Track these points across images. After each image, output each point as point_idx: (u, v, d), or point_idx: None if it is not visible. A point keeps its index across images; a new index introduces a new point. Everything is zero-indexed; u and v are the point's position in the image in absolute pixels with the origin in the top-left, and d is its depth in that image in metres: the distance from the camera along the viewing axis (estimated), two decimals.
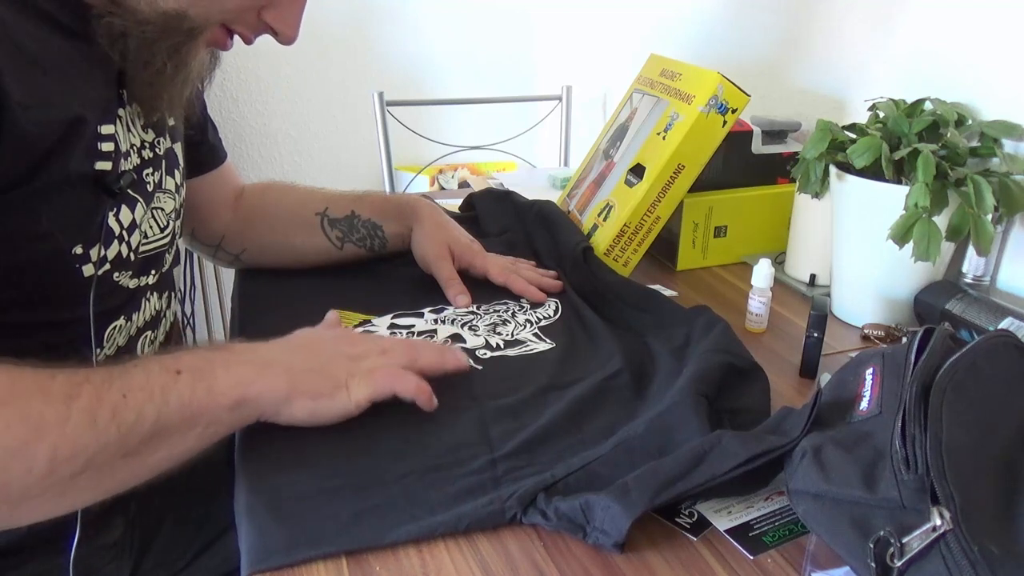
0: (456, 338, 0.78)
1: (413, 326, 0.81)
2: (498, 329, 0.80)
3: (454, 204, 1.15)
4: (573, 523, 0.51)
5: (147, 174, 0.71)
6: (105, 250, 0.65)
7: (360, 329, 0.80)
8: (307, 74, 2.07)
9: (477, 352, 0.76)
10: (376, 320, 0.82)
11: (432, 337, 0.78)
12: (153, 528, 0.80)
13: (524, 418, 0.64)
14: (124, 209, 0.67)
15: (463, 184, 2.07)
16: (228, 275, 1.25)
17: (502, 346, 0.77)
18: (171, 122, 0.77)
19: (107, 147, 0.64)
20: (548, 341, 0.78)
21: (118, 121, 0.66)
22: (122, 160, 0.66)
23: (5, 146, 0.54)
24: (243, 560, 0.49)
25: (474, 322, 0.82)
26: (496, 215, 1.07)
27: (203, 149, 0.88)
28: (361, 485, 0.55)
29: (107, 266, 0.66)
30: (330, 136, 2.15)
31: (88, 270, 0.64)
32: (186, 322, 2.11)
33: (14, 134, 0.54)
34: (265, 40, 0.70)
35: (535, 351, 0.76)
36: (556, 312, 0.84)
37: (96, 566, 0.72)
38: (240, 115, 2.07)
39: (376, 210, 0.92)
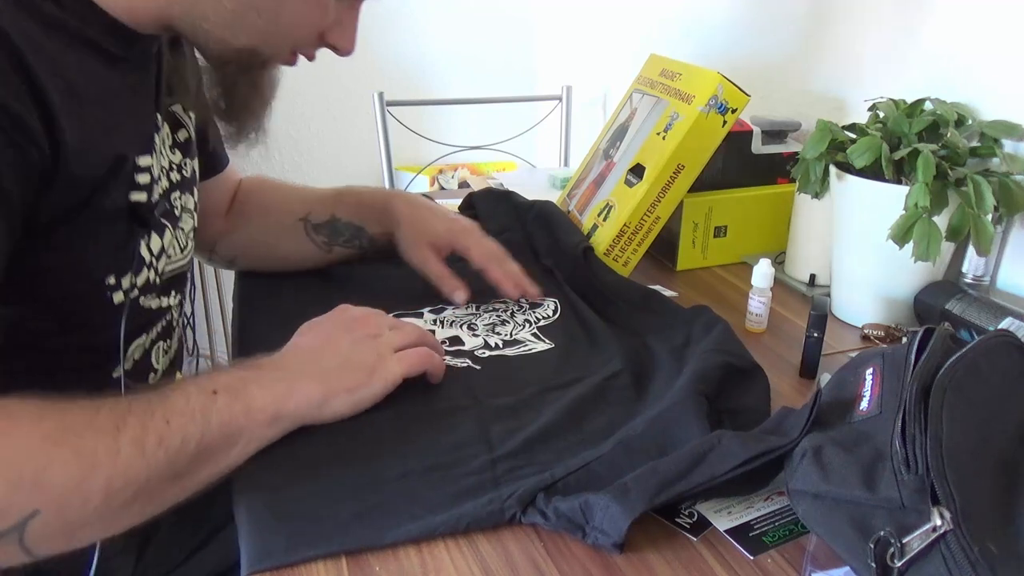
0: (454, 340, 0.78)
1: None
2: (497, 329, 0.80)
3: (454, 204, 1.15)
4: (572, 523, 0.51)
5: (175, 198, 0.72)
6: (135, 278, 0.66)
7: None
8: (307, 74, 2.07)
9: (476, 352, 0.76)
10: None
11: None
12: (152, 525, 0.80)
13: (523, 418, 0.64)
14: (154, 236, 0.68)
15: (463, 184, 2.07)
16: (228, 275, 1.25)
17: (501, 346, 0.77)
18: (194, 137, 0.78)
19: (143, 179, 0.65)
20: (547, 341, 0.78)
21: (153, 150, 0.67)
22: (155, 186, 0.67)
23: (56, 188, 0.56)
24: (243, 560, 0.49)
25: (473, 322, 0.82)
26: (496, 215, 1.06)
27: (205, 155, 0.87)
28: (361, 485, 0.55)
29: (135, 292, 0.67)
30: (330, 136, 2.16)
31: (118, 297, 0.65)
32: (186, 322, 2.10)
33: (66, 176, 0.56)
34: None
35: (534, 351, 0.76)
36: (555, 312, 0.84)
37: (99, 563, 0.72)
38: None
39: (355, 212, 0.91)
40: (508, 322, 0.82)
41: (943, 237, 0.74)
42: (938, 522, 0.42)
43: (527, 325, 0.81)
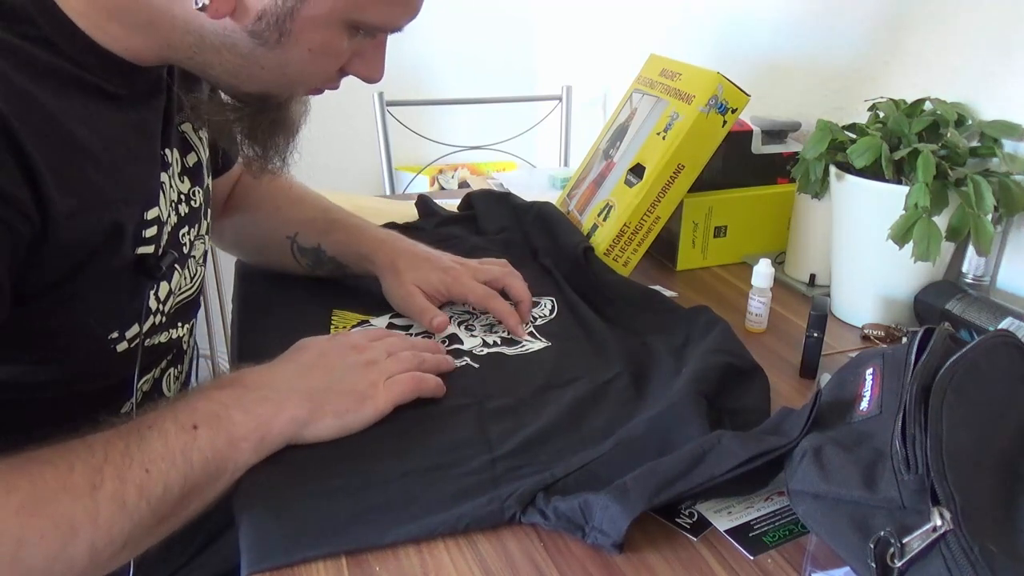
0: (453, 338, 0.78)
1: (411, 326, 0.81)
2: (494, 328, 0.80)
3: (454, 204, 1.15)
4: (572, 523, 0.51)
5: (183, 233, 0.70)
6: (141, 327, 0.64)
7: (358, 329, 0.80)
8: None
9: (474, 351, 0.75)
10: (374, 320, 0.82)
11: (430, 337, 0.78)
12: None
13: (523, 418, 0.64)
14: (163, 284, 0.67)
15: (463, 184, 2.07)
16: (228, 275, 1.25)
17: (499, 344, 0.77)
18: (207, 154, 0.76)
19: (150, 232, 0.63)
20: (544, 340, 0.78)
21: (162, 193, 0.65)
22: (163, 230, 0.65)
23: (45, 255, 0.53)
24: (243, 560, 0.49)
25: (470, 322, 0.81)
26: (494, 215, 1.07)
27: (214, 157, 0.86)
28: (361, 485, 0.55)
29: (139, 337, 0.65)
30: (330, 136, 2.15)
31: (122, 347, 0.64)
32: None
33: (56, 244, 0.53)
34: None
35: (532, 350, 0.76)
36: (552, 311, 0.84)
37: None
38: None
39: (340, 250, 0.86)
40: None
41: (943, 237, 0.74)
42: (938, 522, 0.42)
43: (524, 325, 0.81)
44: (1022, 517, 0.44)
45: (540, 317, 0.83)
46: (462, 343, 0.77)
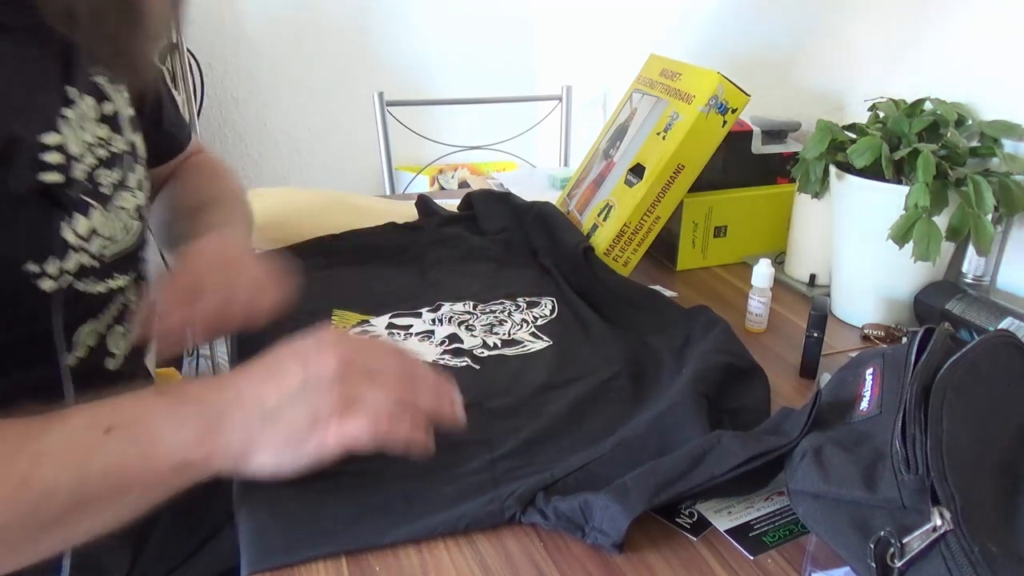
0: (453, 338, 0.78)
1: (411, 326, 0.81)
2: (495, 329, 0.80)
3: (454, 204, 1.15)
4: (572, 523, 0.51)
5: (103, 175, 0.68)
6: (63, 263, 0.62)
7: (358, 329, 0.80)
8: (307, 74, 2.08)
9: (475, 352, 0.76)
10: (374, 320, 0.82)
11: (430, 337, 0.78)
12: (151, 522, 0.79)
13: (523, 418, 0.64)
14: (79, 218, 0.64)
15: (463, 184, 2.08)
16: None
17: (499, 345, 0.77)
18: (130, 112, 0.74)
19: (53, 158, 0.61)
20: (545, 339, 0.78)
21: (65, 123, 0.63)
22: (74, 164, 0.63)
23: None
24: (243, 560, 0.49)
25: (471, 322, 0.82)
26: (494, 215, 1.07)
27: (160, 137, 0.83)
28: (361, 485, 0.55)
29: (68, 278, 0.62)
30: (330, 136, 2.16)
31: (47, 284, 0.60)
32: None
33: None
34: (265, 40, 0.70)
35: (532, 350, 0.76)
36: (552, 311, 0.84)
37: (94, 559, 0.72)
38: (240, 115, 2.07)
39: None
40: (506, 322, 0.82)
41: (943, 237, 0.74)
42: (938, 522, 0.42)
43: (524, 325, 0.81)
44: (1022, 517, 0.44)
45: (540, 317, 0.83)
46: (462, 343, 0.77)
